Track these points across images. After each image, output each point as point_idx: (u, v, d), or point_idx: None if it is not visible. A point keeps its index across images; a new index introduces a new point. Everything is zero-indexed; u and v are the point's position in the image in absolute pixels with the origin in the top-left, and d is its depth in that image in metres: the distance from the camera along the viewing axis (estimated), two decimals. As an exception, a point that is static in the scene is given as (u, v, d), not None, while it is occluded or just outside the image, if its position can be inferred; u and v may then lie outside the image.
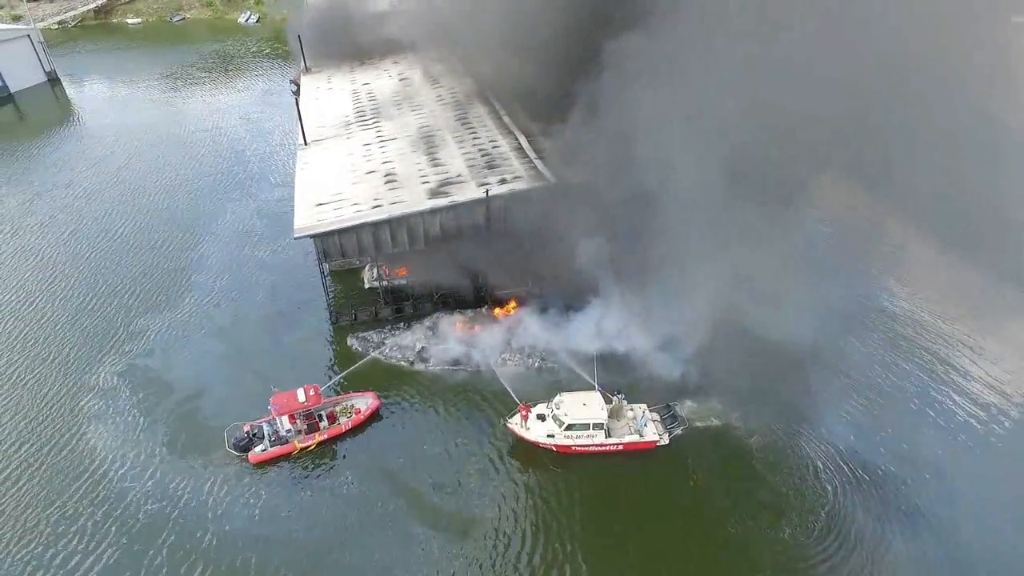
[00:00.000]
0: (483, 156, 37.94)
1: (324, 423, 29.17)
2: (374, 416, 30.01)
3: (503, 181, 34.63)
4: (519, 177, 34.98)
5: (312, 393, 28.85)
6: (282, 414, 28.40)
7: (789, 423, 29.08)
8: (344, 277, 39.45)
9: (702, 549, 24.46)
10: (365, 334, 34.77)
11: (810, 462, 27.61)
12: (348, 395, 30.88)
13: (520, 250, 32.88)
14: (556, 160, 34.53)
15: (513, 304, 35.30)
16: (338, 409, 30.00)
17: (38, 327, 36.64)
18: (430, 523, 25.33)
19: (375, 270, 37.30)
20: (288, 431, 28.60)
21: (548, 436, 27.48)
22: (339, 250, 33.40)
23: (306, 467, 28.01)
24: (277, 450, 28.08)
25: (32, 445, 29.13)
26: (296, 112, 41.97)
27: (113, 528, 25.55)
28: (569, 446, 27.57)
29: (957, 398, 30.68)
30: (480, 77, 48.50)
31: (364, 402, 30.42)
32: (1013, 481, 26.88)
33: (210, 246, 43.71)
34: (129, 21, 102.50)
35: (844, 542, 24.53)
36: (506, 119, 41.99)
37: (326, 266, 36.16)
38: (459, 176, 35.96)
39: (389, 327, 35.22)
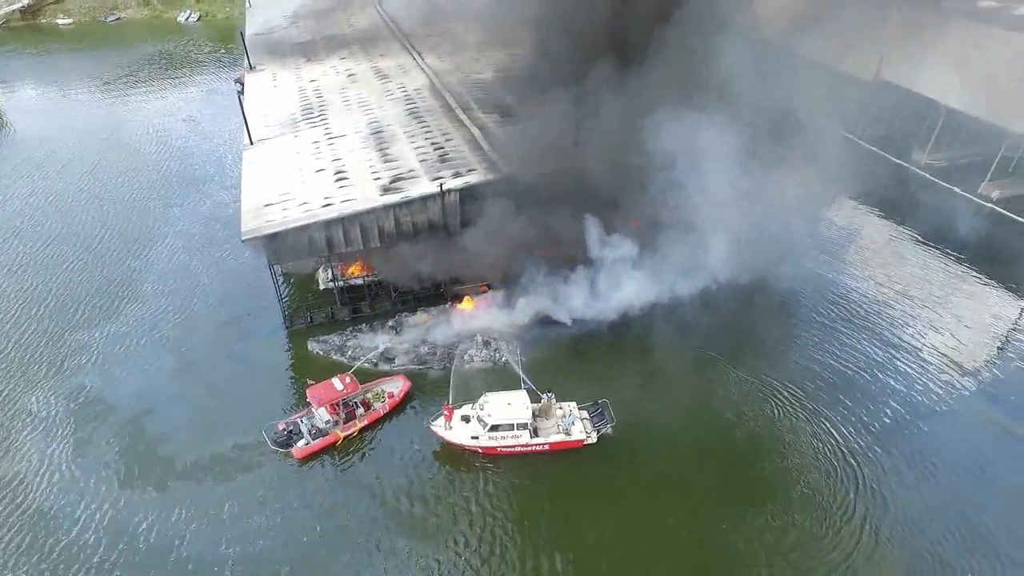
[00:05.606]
0: (436, 150, 37.29)
1: (360, 410, 28.80)
2: (408, 398, 29.83)
3: (457, 175, 34.10)
4: (473, 170, 34.51)
5: (348, 380, 28.58)
6: (323, 404, 27.81)
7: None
8: (299, 279, 38.21)
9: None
10: (326, 337, 33.77)
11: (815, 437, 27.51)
12: (378, 381, 30.45)
13: (477, 244, 32.44)
14: (512, 150, 34.23)
15: (473, 299, 34.86)
16: (371, 395, 29.70)
17: None
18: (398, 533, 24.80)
19: (330, 270, 36.32)
20: (327, 422, 28.08)
21: (472, 438, 26.83)
22: (290, 252, 32.34)
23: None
24: (320, 442, 27.53)
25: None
26: (241, 111, 40.47)
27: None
28: (494, 447, 26.96)
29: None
30: (438, 67, 47.95)
31: (395, 385, 30.18)
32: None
33: (156, 253, 41.77)
34: (60, 22, 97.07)
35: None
36: (458, 112, 41.38)
37: (278, 268, 34.98)
38: (411, 171, 35.24)
39: (350, 329, 34.33)
